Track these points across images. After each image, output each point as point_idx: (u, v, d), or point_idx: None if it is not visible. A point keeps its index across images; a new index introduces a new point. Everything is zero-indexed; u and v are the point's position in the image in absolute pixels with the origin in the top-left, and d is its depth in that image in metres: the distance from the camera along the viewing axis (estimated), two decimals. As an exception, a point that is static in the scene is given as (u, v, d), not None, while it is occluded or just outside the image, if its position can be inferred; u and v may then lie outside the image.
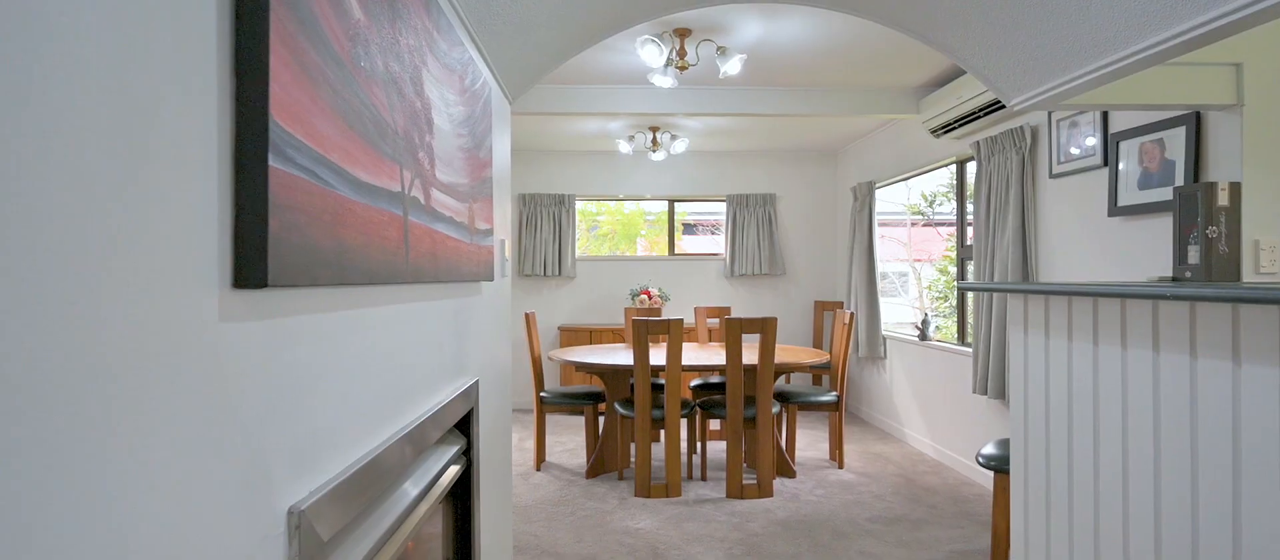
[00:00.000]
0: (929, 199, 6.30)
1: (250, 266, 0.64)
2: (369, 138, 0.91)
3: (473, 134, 1.62)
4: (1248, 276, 2.46)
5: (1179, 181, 2.69)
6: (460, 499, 1.74)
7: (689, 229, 7.10)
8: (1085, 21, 1.96)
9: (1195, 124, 2.61)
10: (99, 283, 0.48)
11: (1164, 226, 2.79)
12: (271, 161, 0.64)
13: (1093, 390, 2.05)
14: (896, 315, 6.16)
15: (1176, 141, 2.68)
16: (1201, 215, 2.46)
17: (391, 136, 1.00)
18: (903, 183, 5.49)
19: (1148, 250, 2.87)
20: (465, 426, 1.71)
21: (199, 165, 0.59)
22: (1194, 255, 2.54)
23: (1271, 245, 2.43)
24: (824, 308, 6.38)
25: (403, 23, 1.08)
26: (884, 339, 5.51)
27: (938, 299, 6.14)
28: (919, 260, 6.74)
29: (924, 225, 6.50)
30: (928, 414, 4.80)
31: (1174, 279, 2.63)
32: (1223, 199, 2.45)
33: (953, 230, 5.02)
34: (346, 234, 0.83)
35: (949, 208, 5.67)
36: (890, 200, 6.26)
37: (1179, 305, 1.73)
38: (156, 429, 0.54)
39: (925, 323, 4.96)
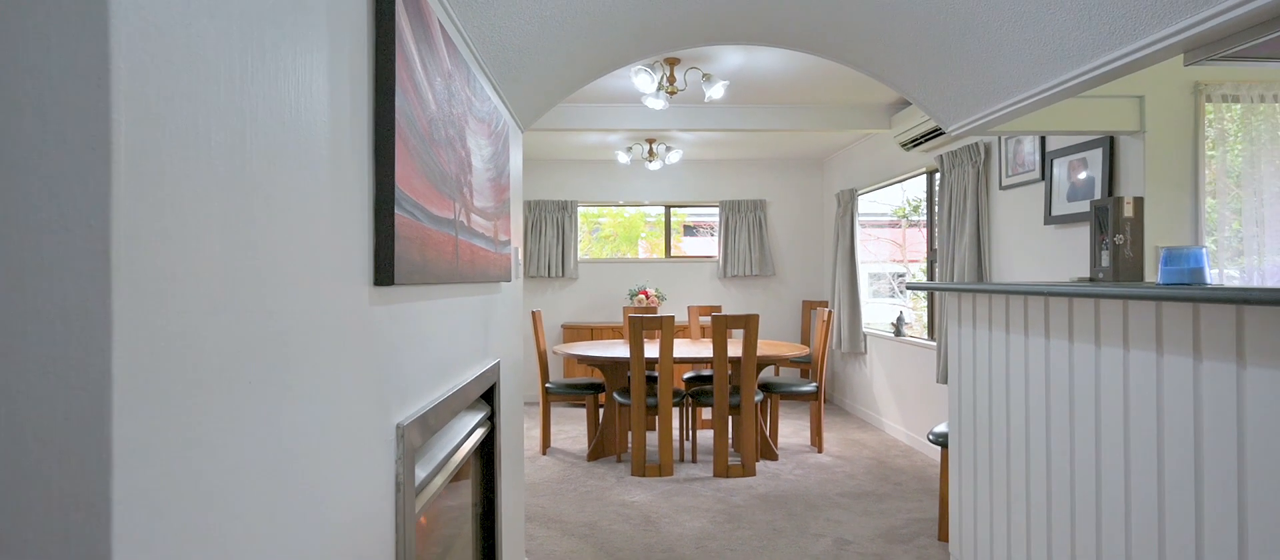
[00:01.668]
0: (913, 205, 6.72)
1: (384, 272, 1.07)
2: (437, 184, 1.35)
3: (496, 166, 2.06)
4: (1149, 277, 2.88)
5: (1098, 195, 3.11)
6: (486, 456, 2.17)
7: (690, 230, 7.52)
8: (996, 67, 2.39)
9: (1109, 147, 3.03)
10: (329, 279, 0.91)
11: (1088, 233, 3.21)
12: (396, 211, 1.07)
13: (1006, 372, 2.47)
14: (892, 314, 6.54)
15: (1096, 161, 3.11)
16: (1111, 225, 2.89)
17: (449, 181, 1.44)
18: (888, 188, 5.90)
19: (1075, 254, 3.29)
20: (490, 397, 2.14)
21: (358, 216, 1.02)
22: (1106, 259, 2.97)
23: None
24: (810, 306, 6.80)
25: (455, 98, 1.51)
26: (864, 335, 5.93)
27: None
28: (913, 261, 7.15)
29: (913, 227, 6.91)
30: (902, 404, 5.22)
31: (1091, 279, 3.06)
32: (1128, 211, 2.88)
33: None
34: (427, 250, 1.26)
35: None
36: (886, 203, 6.66)
37: (1059, 301, 2.16)
38: (342, 370, 0.97)
39: (900, 320, 5.38)
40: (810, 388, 4.81)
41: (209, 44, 0.65)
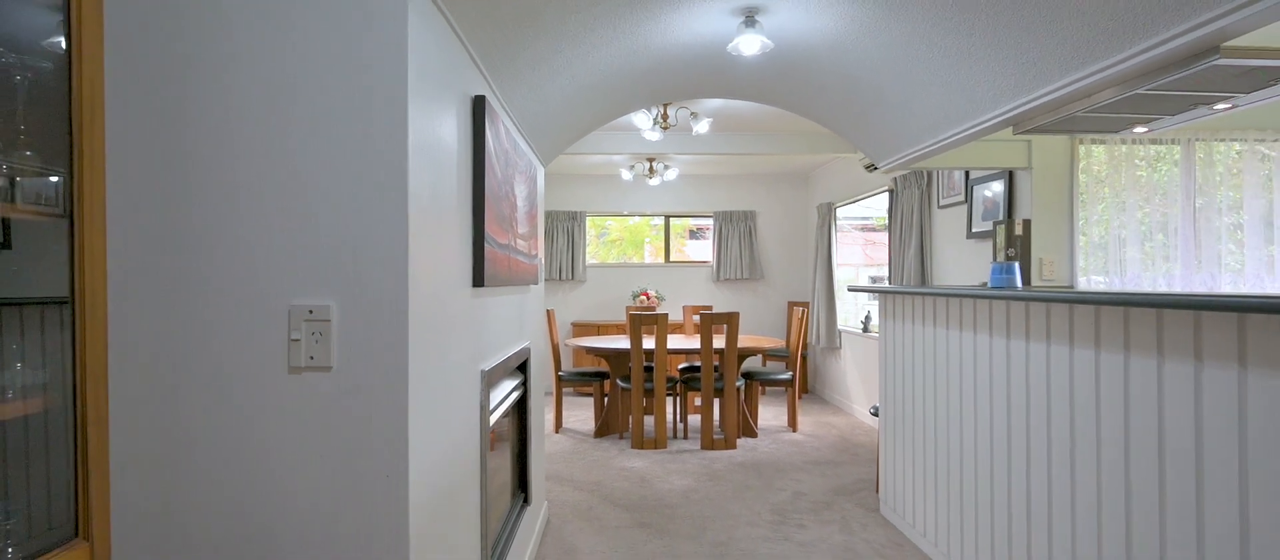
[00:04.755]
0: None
1: (478, 279, 1.86)
2: (500, 223, 2.14)
3: (529, 200, 2.85)
4: (1035, 283, 3.64)
5: (1000, 217, 3.88)
6: (520, 414, 2.96)
7: (694, 234, 8.29)
8: (901, 124, 3.16)
9: (1008, 178, 3.80)
10: (456, 283, 1.70)
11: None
12: (486, 246, 1.87)
13: (912, 357, 3.25)
14: (865, 313, 7.31)
15: (1000, 189, 3.88)
16: (1005, 241, 3.66)
17: (506, 220, 2.23)
18: (861, 201, 6.67)
19: (987, 263, 4.06)
20: (523, 369, 2.93)
21: (467, 247, 1.82)
22: (1003, 267, 3.73)
23: (1050, 262, 3.62)
24: (795, 307, 7.56)
25: (509, 164, 2.30)
26: (840, 332, 6.70)
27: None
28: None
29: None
30: (868, 390, 5.99)
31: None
32: (1018, 230, 3.65)
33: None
34: (496, 265, 2.06)
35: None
36: (872, 211, 7.40)
37: (940, 299, 2.94)
38: (459, 335, 1.76)
39: (868, 318, 6.15)
40: (787, 376, 5.58)
41: (424, 176, 1.44)
